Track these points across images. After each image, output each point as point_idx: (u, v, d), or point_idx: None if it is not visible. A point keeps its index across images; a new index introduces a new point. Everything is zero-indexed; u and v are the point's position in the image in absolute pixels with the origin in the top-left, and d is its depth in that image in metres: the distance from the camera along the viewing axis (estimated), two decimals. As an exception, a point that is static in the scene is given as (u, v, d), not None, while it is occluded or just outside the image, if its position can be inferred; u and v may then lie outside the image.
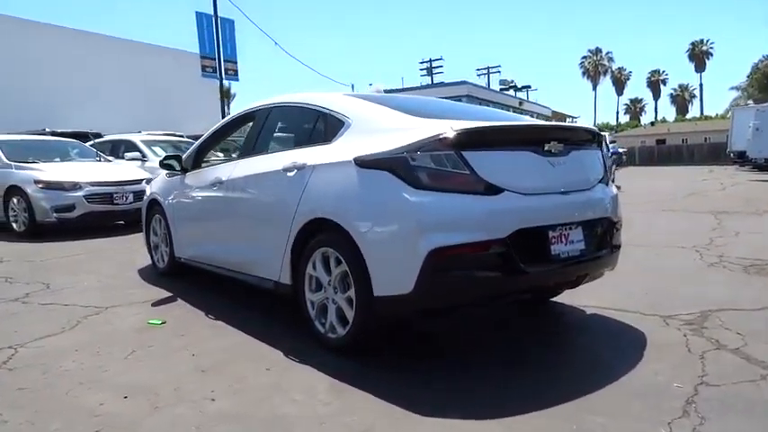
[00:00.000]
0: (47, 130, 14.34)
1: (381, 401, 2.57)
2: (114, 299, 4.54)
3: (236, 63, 18.91)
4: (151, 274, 5.47)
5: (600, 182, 3.39)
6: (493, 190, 2.79)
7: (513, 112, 30.91)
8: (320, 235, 3.18)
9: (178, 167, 4.86)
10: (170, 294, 4.66)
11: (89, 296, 4.65)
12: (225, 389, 2.74)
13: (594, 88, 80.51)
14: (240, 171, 4.03)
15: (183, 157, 4.95)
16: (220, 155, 6.45)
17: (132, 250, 6.78)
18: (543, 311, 4.07)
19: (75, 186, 8.26)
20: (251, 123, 4.28)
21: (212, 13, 17.56)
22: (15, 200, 8.38)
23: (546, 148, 3.03)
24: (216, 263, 4.41)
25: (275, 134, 4.06)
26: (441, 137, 2.79)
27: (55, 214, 8.11)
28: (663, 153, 45.05)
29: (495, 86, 43.00)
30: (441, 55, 75.90)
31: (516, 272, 2.80)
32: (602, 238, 3.29)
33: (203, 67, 17.71)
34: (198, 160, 4.80)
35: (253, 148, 4.08)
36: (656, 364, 2.95)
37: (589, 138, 3.47)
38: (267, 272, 3.69)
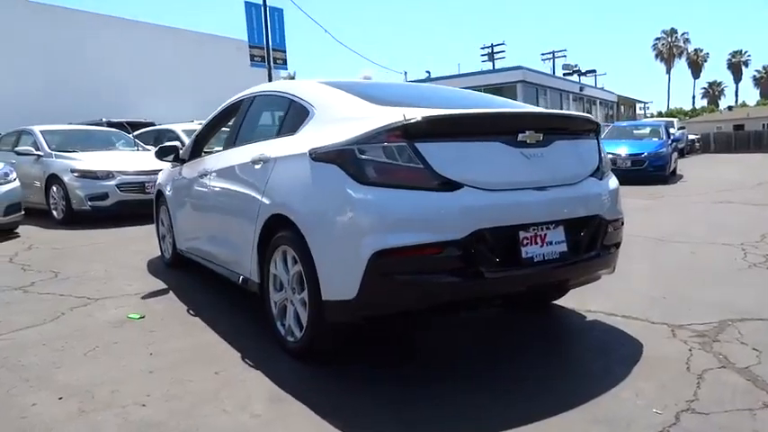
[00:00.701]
0: (103, 120, 14.84)
1: (317, 417, 2.35)
2: (110, 290, 4.54)
3: (284, 52, 19.00)
4: (158, 265, 5.46)
5: (592, 175, 3.02)
6: (449, 186, 2.50)
7: (574, 97, 29.68)
8: (280, 232, 2.99)
9: (170, 158, 4.79)
10: (165, 287, 4.62)
11: (88, 286, 4.67)
12: (162, 393, 2.60)
13: (668, 72, 76.47)
14: (220, 163, 3.90)
15: (184, 147, 4.89)
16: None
17: (154, 240, 6.84)
18: (538, 315, 3.73)
19: (109, 175, 8.44)
20: (237, 113, 4.13)
21: (261, 2, 17.71)
22: (55, 188, 8.68)
23: (520, 138, 2.70)
24: (203, 255, 4.32)
25: (254, 124, 3.88)
26: (391, 127, 2.52)
27: (89, 202, 8.33)
28: (741, 139, 42.02)
29: (561, 72, 41.59)
30: (503, 40, 73.93)
31: (475, 277, 2.50)
32: (591, 238, 2.93)
33: (252, 57, 17.87)
34: (195, 151, 4.70)
35: (235, 138, 3.93)
36: (642, 383, 2.59)
37: (579, 126, 3.10)
38: (240, 268, 3.54)
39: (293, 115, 3.26)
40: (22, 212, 7.77)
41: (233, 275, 3.71)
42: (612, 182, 3.17)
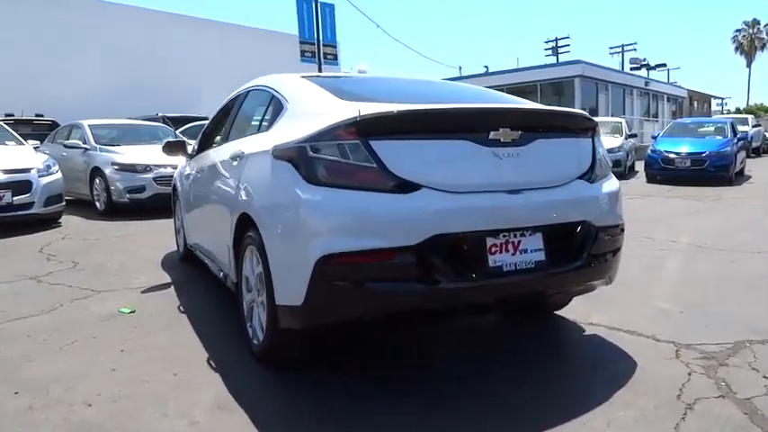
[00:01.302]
0: (159, 114, 15.28)
1: (254, 429, 2.23)
2: (117, 283, 4.60)
3: (335, 47, 19.01)
4: (172, 260, 5.51)
5: (581, 177, 2.75)
6: (405, 187, 2.31)
7: (639, 92, 28.23)
8: (248, 231, 2.89)
9: (177, 154, 4.80)
10: (169, 281, 4.64)
11: (98, 279, 4.75)
12: (113, 394, 2.55)
13: (749, 65, 71.73)
14: (210, 159, 3.86)
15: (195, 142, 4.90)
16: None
17: (180, 233, 6.95)
18: (534, 325, 3.47)
19: (146, 169, 8.66)
20: (233, 108, 4.07)
21: (312, -3, 17.80)
22: (97, 180, 8.98)
23: (492, 136, 2.47)
24: (201, 251, 4.31)
25: (242, 119, 3.80)
26: (344, 123, 2.35)
27: (127, 195, 8.58)
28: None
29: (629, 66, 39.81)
30: (568, 33, 71.46)
31: (430, 287, 2.30)
32: (576, 247, 2.67)
33: (302, 53, 17.95)
34: (202, 146, 4.69)
35: (228, 134, 3.87)
36: (619, 412, 2.32)
37: (568, 124, 2.84)
38: (224, 266, 3.49)
39: (272, 111, 3.15)
40: (63, 203, 8.08)
41: (219, 273, 3.66)
42: (609, 185, 2.88)
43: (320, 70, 17.98)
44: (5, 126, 9.03)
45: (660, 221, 7.55)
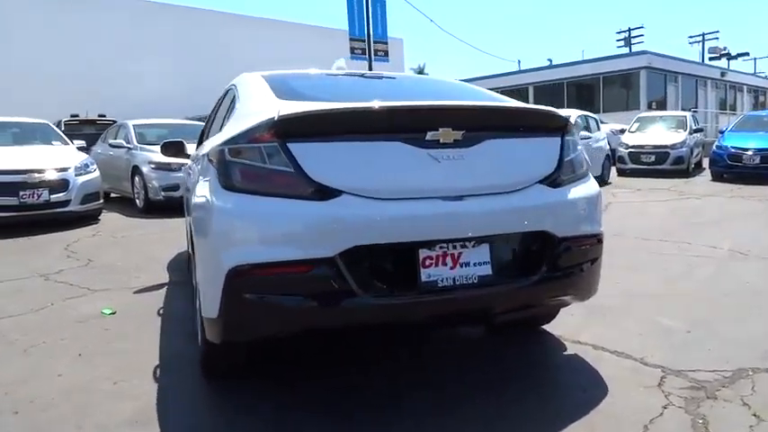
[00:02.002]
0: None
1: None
2: (115, 282, 4.64)
3: (386, 44, 18.82)
4: (182, 260, 5.53)
5: (542, 182, 2.45)
6: (324, 194, 2.12)
7: (713, 84, 26.37)
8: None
9: (169, 154, 4.78)
10: (166, 282, 4.64)
11: (101, 277, 4.81)
12: (45, 402, 2.51)
13: None
14: (189, 160, 3.80)
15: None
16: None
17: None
18: (508, 340, 3.18)
19: (181, 167, 8.81)
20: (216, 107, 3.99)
21: (363, -7, 17.69)
22: (137, 179, 9.25)
23: (429, 137, 2.23)
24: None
25: (217, 119, 3.70)
26: (263, 125, 2.19)
27: (162, 193, 8.77)
28: None
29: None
30: (642, 23, 67.81)
31: (342, 302, 2.10)
32: (533, 259, 2.39)
33: (352, 50, 17.85)
34: (198, 145, 4.65)
35: (207, 134, 3.80)
36: (563, 451, 2.04)
37: (529, 122, 2.55)
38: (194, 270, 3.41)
39: (229, 110, 3.04)
40: (101, 201, 8.36)
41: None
42: (580, 190, 2.55)
43: (370, 68, 17.86)
44: (53, 126, 9.44)
45: (709, 225, 6.94)
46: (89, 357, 3.03)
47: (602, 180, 12.11)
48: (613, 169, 13.69)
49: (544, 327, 3.26)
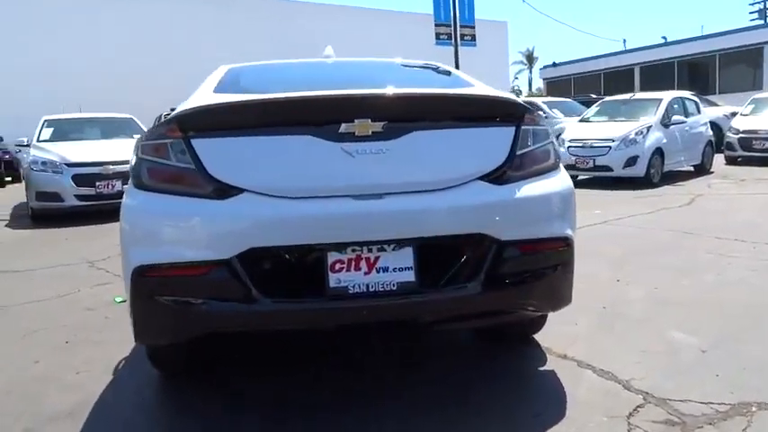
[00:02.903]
0: None
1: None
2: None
3: (473, 28, 18.24)
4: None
5: (484, 177, 2.15)
6: (224, 192, 2.01)
7: None
8: None
9: None
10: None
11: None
12: (5, 390, 2.63)
13: None
14: None
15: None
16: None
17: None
18: (479, 351, 2.92)
19: None
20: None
21: (449, -23, 17.21)
22: None
23: (343, 129, 2.04)
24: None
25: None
26: (168, 120, 2.12)
27: None
28: None
29: None
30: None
31: (246, 307, 1.99)
32: (469, 265, 2.13)
33: (437, 35, 17.41)
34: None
35: None
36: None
37: (468, 112, 2.27)
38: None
39: None
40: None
41: None
42: (536, 187, 2.22)
43: (456, 53, 17.44)
44: (137, 121, 10.07)
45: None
46: (73, 346, 3.16)
47: (703, 168, 10.98)
48: (720, 157, 12.35)
49: (540, 335, 2.93)
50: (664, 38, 33.07)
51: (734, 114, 14.59)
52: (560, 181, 2.33)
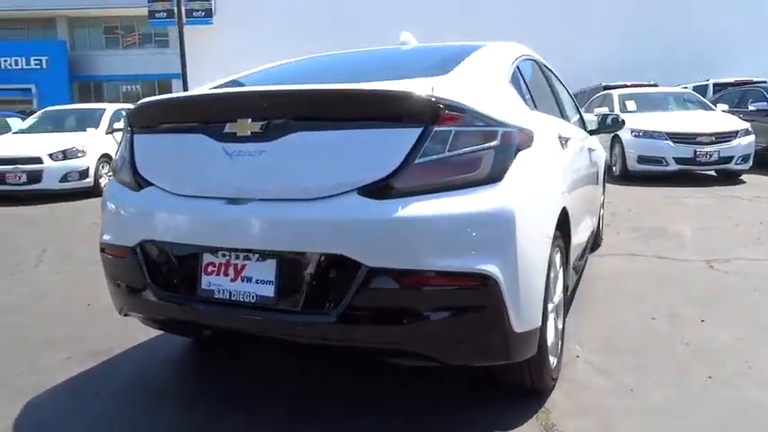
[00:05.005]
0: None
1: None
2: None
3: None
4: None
5: (362, 189, 1.84)
6: (138, 184, 2.23)
7: None
8: None
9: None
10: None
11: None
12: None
13: None
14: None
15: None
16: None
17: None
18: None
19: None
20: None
21: None
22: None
23: (227, 129, 1.99)
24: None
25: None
26: (126, 115, 2.50)
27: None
28: None
29: None
30: None
31: (140, 294, 2.16)
32: (333, 290, 1.86)
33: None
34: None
35: None
36: None
37: (364, 109, 1.94)
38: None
39: None
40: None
41: None
42: (430, 206, 1.80)
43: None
44: None
45: None
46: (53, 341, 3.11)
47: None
48: None
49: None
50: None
51: None
52: (489, 199, 1.85)
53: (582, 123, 4.23)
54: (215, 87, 2.59)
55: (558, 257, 2.41)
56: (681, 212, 6.66)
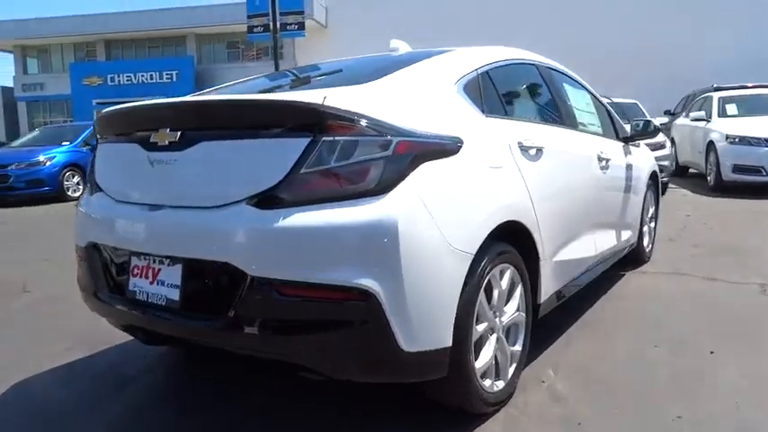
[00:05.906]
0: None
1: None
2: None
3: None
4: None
5: (251, 199, 1.84)
6: (93, 189, 2.44)
7: None
8: None
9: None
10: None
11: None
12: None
13: None
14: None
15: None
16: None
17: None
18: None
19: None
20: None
21: None
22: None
23: (152, 138, 2.08)
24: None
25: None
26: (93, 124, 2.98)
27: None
28: None
29: None
30: None
31: (93, 295, 2.32)
32: (222, 298, 1.88)
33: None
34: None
35: None
36: None
37: (262, 119, 1.95)
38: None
39: None
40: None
41: None
42: (314, 216, 1.76)
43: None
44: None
45: None
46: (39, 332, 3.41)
47: None
48: None
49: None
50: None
51: None
52: (371, 211, 1.77)
53: (612, 131, 3.95)
54: (192, 96, 2.63)
55: (507, 274, 2.25)
56: (765, 230, 5.93)
